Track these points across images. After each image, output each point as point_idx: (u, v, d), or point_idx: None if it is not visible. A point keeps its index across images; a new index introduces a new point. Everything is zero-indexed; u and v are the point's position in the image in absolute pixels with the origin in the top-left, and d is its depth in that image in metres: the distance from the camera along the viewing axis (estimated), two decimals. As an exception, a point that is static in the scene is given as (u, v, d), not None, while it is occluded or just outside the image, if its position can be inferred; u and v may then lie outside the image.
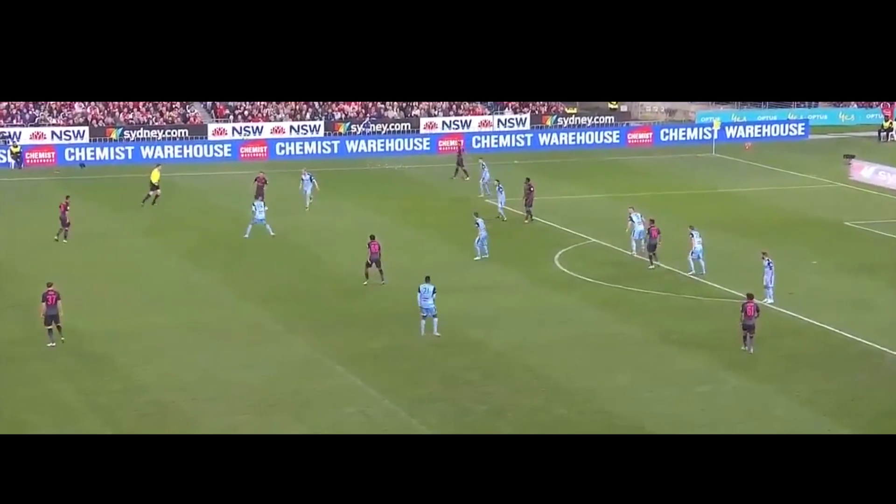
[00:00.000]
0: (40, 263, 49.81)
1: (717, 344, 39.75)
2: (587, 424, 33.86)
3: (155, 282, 47.98)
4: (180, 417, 34.15)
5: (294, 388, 36.61)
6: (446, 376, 37.59)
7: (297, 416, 34.53)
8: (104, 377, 37.37)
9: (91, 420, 33.97)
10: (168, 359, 39.07)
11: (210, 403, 35.29)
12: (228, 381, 37.04)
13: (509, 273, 49.28)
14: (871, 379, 37.57)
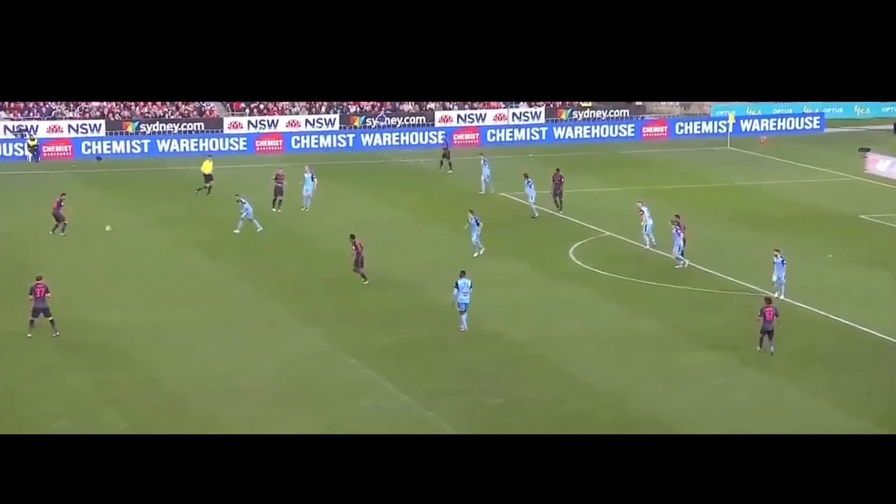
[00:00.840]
0: (55, 256, 49.92)
1: (731, 338, 39.54)
2: (602, 418, 33.75)
3: (170, 275, 47.98)
4: (196, 410, 34.11)
5: (309, 381, 36.56)
6: (462, 369, 37.50)
7: (312, 408, 34.47)
8: (120, 370, 37.35)
9: (107, 413, 33.95)
10: (184, 352, 39.05)
11: (225, 396, 35.25)
12: (243, 374, 36.99)
13: (524, 266, 49.17)
14: (886, 373, 37.38)
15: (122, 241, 53.29)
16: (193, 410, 34.09)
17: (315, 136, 77.82)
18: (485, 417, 33.96)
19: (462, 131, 79.13)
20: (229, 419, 33.16)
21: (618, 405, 34.73)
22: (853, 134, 78.96)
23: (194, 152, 74.74)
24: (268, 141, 77.05)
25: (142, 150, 75.29)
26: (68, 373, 37.06)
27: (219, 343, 39.95)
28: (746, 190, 64.56)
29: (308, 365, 37.97)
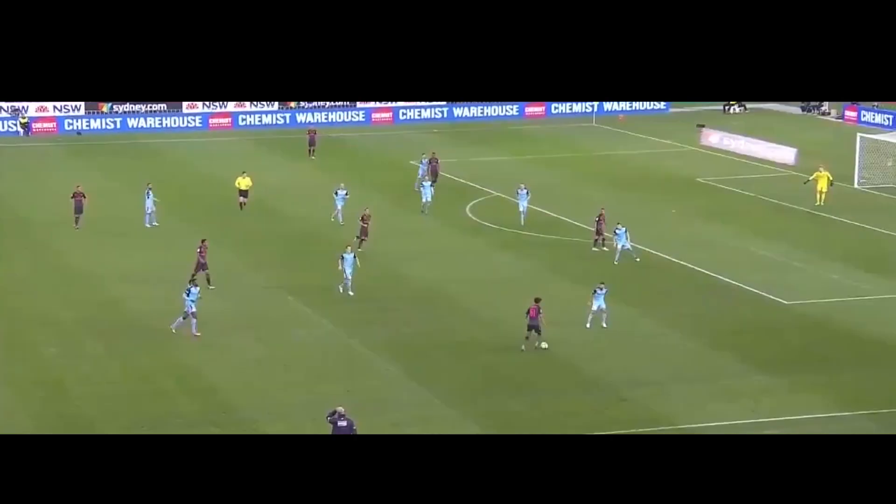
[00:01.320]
0: (45, 212, 49.49)
1: (596, 275, 40.15)
2: (492, 343, 34.50)
3: (143, 232, 47.77)
4: (161, 335, 34.21)
5: (254, 312, 36.81)
6: (380, 306, 37.93)
7: (258, 337, 34.78)
8: (105, 309, 37.27)
9: (91, 342, 33.98)
10: (149, 287, 38.95)
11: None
12: (202, 309, 37.04)
13: (430, 221, 49.56)
14: (719, 304, 38.42)
15: (100, 202, 52.78)
16: (158, 335, 34.22)
17: (258, 114, 77.37)
18: (401, 345, 34.48)
19: (379, 111, 79.05)
20: (189, 344, 33.32)
21: (503, 332, 35.42)
22: (692, 113, 79.98)
23: (158, 128, 74.16)
24: (219, 119, 76.46)
25: (115, 127, 74.46)
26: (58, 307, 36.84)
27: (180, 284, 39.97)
28: (608, 158, 65.34)
29: (254, 302, 38.15)
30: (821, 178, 52.24)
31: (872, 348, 34.25)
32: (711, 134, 69.40)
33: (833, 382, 31.63)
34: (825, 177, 52.28)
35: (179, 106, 77.73)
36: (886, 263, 42.96)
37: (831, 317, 36.95)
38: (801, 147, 63.61)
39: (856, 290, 39.80)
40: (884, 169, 56.85)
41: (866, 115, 75.31)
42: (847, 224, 49.40)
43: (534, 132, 74.37)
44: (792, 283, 40.68)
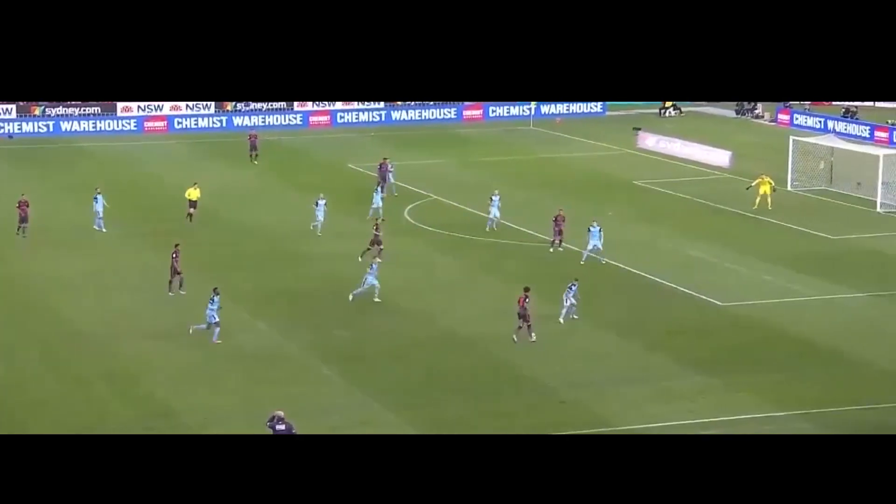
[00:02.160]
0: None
1: (535, 277, 40.33)
2: (434, 344, 34.57)
3: (71, 238, 47.26)
4: (97, 345, 33.85)
5: (189, 317, 36.58)
6: (315, 308, 37.84)
7: (194, 342, 34.53)
8: (37, 317, 36.79)
9: (28, 351, 33.53)
10: (78, 292, 38.54)
11: (125, 333, 34.98)
12: (134, 315, 36.71)
13: (368, 223, 49.48)
14: (655, 305, 38.78)
15: (36, 207, 52.04)
16: (94, 344, 33.86)
17: (194, 118, 76.77)
18: (338, 348, 34.40)
19: (316, 114, 78.80)
20: (125, 351, 33.01)
21: (444, 334, 35.51)
22: (628, 116, 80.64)
23: (92, 132, 73.31)
24: (154, 122, 75.76)
25: (48, 130, 73.45)
26: None
27: (110, 288, 39.57)
28: (546, 161, 65.68)
29: (190, 307, 37.90)
30: (763, 184, 52.99)
31: (804, 348, 34.76)
32: (647, 137, 70.04)
33: (768, 382, 32.05)
34: (768, 183, 53.07)
35: (114, 109, 76.94)
36: (818, 264, 43.62)
37: (765, 317, 37.45)
38: (736, 150, 64.40)
39: (788, 291, 40.38)
40: (816, 171, 57.73)
41: (799, 119, 76.37)
42: (780, 226, 50.09)
43: (472, 135, 74.56)
44: (726, 284, 41.17)
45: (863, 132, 71.25)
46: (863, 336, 35.79)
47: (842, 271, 42.63)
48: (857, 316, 37.83)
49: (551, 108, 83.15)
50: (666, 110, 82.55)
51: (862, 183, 55.31)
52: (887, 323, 37.14)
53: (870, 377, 32.54)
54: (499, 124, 79.14)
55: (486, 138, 73.55)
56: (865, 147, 60.54)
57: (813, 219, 50.91)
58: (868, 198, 53.81)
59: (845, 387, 31.79)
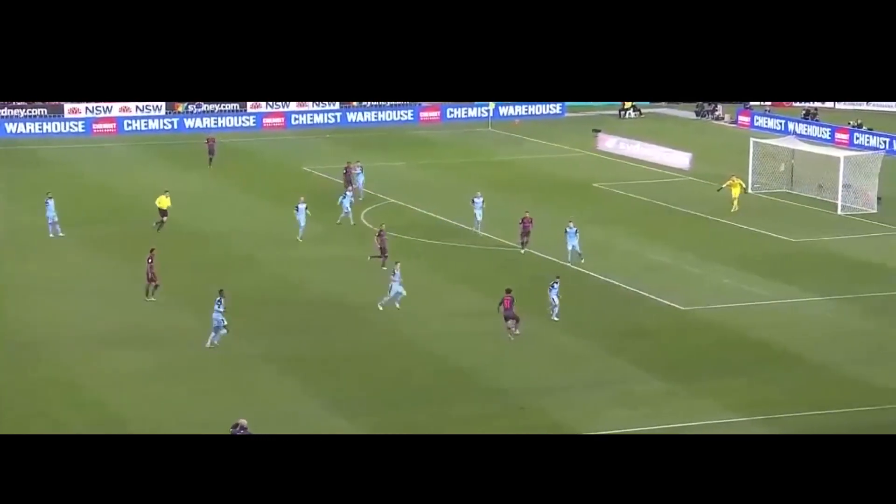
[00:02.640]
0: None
1: (495, 281, 40.61)
2: (393, 350, 34.74)
3: (20, 241, 47.00)
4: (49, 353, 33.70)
5: (143, 323, 36.50)
6: (270, 315, 37.85)
7: (148, 349, 34.49)
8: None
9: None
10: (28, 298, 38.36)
11: (77, 340, 34.85)
12: (87, 323, 36.57)
13: (322, 227, 49.55)
14: (615, 309, 39.13)
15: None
16: (44, 351, 33.71)
17: (144, 119, 76.43)
18: (297, 355, 34.45)
19: (270, 116, 78.70)
20: (74, 358, 32.89)
21: (402, 341, 35.66)
22: (587, 117, 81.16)
23: (39, 134, 72.81)
24: (103, 124, 75.34)
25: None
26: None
27: (59, 293, 39.41)
28: (504, 163, 65.99)
29: (144, 313, 37.80)
30: (734, 186, 53.63)
31: (766, 353, 35.21)
32: (607, 139, 70.54)
33: (730, 387, 32.45)
34: (738, 185, 53.73)
35: (61, 110, 76.44)
36: (779, 267, 44.18)
37: (726, 321, 37.90)
38: (696, 152, 65.02)
39: (749, 294, 40.88)
40: (777, 173, 58.42)
41: (759, 120, 77.18)
42: (741, 228, 50.66)
43: (429, 137, 74.77)
44: (687, 287, 41.62)
45: (823, 134, 72.16)
46: (824, 340, 36.32)
47: (803, 274, 43.21)
48: (818, 319, 38.38)
49: (509, 109, 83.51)
50: (625, 111, 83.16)
51: (823, 185, 56.06)
52: (849, 326, 37.70)
53: (832, 381, 33.03)
54: (456, 126, 79.39)
55: (443, 140, 73.78)
56: (826, 149, 61.34)
57: (774, 221, 51.53)
58: (829, 200, 54.54)
59: (807, 391, 32.26)
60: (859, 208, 53.64)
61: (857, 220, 52.27)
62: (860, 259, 45.71)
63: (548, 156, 68.38)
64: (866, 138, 69.76)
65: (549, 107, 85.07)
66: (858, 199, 54.09)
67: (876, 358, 34.77)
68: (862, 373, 33.43)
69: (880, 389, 32.19)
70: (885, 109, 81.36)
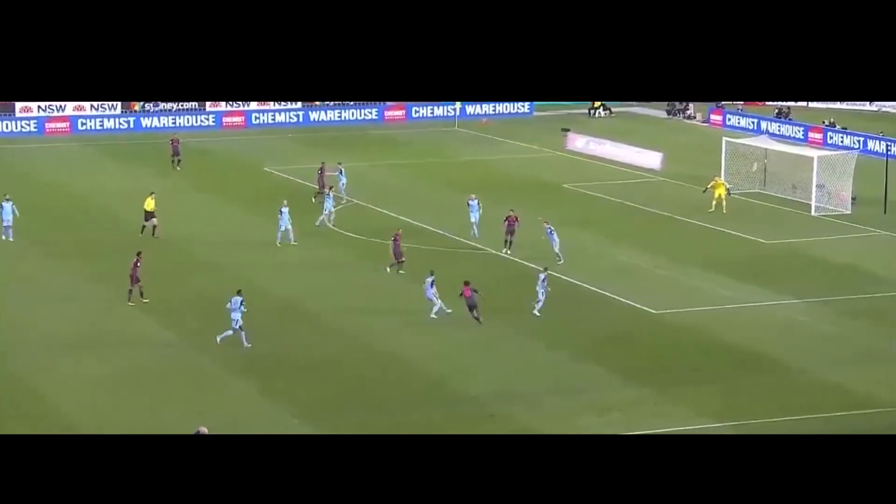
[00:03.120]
0: None
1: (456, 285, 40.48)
2: (354, 357, 34.53)
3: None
4: None
5: (96, 329, 36.16)
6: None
7: (101, 356, 34.17)
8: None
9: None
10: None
11: (27, 343, 34.48)
12: (42, 324, 36.22)
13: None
14: (585, 313, 39.10)
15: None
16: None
17: (99, 118, 75.86)
18: (255, 362, 34.21)
19: (230, 115, 78.30)
20: (25, 364, 32.52)
21: (365, 347, 35.50)
22: (556, 116, 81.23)
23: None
24: (56, 123, 74.72)
25: (-59, 131, 72.18)
26: None
27: (19, 300, 39.01)
28: (472, 164, 65.92)
29: (96, 318, 37.47)
30: (718, 187, 53.84)
31: (739, 357, 35.28)
32: (577, 138, 70.62)
33: (702, 393, 32.48)
34: (722, 185, 53.97)
35: (12, 109, 75.75)
36: (752, 270, 44.30)
37: (698, 325, 37.96)
38: (667, 151, 65.19)
39: (722, 297, 40.97)
40: (749, 174, 58.65)
41: (731, 119, 77.52)
42: (714, 230, 50.80)
43: (394, 137, 74.64)
44: (658, 291, 41.66)
45: (797, 133, 72.55)
46: (798, 344, 36.43)
47: (777, 277, 43.36)
48: (792, 323, 38.50)
49: (477, 108, 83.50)
50: (595, 110, 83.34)
51: (797, 186, 56.32)
52: (823, 330, 37.85)
53: (807, 386, 33.13)
54: (422, 125, 79.29)
55: (409, 139, 73.66)
56: (799, 148, 61.65)
57: (747, 222, 51.71)
58: (803, 201, 54.80)
59: (782, 396, 32.33)
60: (833, 209, 53.92)
61: (832, 221, 52.54)
62: (835, 261, 45.93)
63: (516, 156, 68.38)
64: (840, 138, 70.19)
65: (518, 106, 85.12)
66: (832, 200, 54.37)
67: (851, 362, 34.91)
68: (838, 377, 33.55)
69: (856, 394, 32.30)
70: (859, 108, 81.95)
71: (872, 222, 52.01)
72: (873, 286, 42.43)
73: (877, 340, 36.76)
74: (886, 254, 47.36)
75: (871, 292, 41.75)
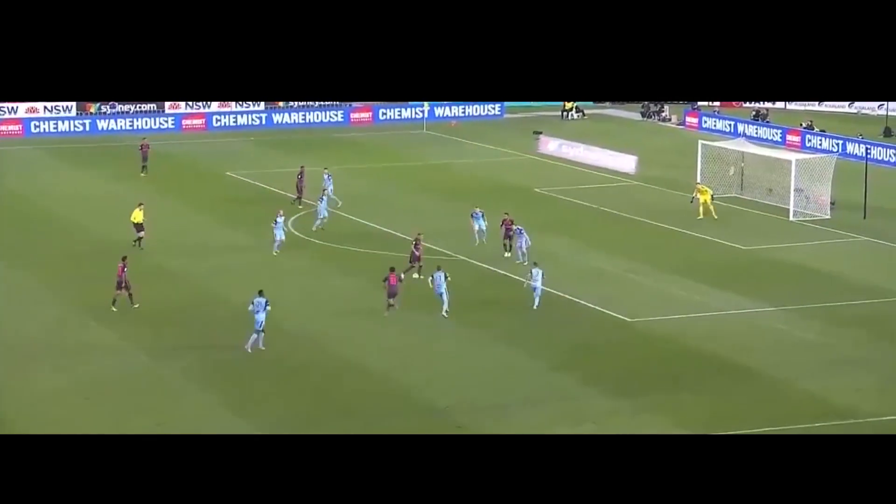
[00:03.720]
0: None
1: (421, 290, 40.44)
2: (322, 366, 34.46)
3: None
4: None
5: (52, 339, 35.87)
6: (195, 329, 37.45)
7: (57, 366, 33.89)
8: None
9: None
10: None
11: None
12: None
13: (250, 236, 49.15)
14: (559, 321, 39.12)
15: None
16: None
17: (53, 121, 75.40)
18: (217, 372, 34.06)
19: (190, 117, 77.98)
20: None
21: (332, 356, 35.42)
22: (528, 119, 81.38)
23: (-61, 136, 71.76)
24: (8, 126, 74.20)
25: None
26: None
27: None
28: (440, 167, 65.95)
29: (52, 328, 37.20)
30: (703, 193, 54.05)
31: (717, 366, 35.37)
32: (549, 141, 70.76)
33: (679, 403, 32.54)
34: (706, 191, 54.19)
35: (-37, 111, 75.25)
36: (729, 277, 44.46)
37: (675, 334, 38.05)
38: (642, 155, 65.40)
39: (699, 305, 41.09)
40: (726, 178, 58.90)
41: (708, 122, 77.84)
42: (689, 236, 50.98)
43: (360, 140, 74.58)
44: (634, 298, 41.75)
45: (774, 136, 72.96)
46: (777, 353, 36.57)
47: (755, 284, 43.53)
48: (771, 331, 38.65)
49: (446, 109, 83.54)
50: (568, 112, 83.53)
51: (774, 190, 56.61)
52: (802, 339, 38.01)
53: (785, 397, 33.24)
54: (389, 127, 79.27)
55: (376, 143, 73.62)
56: (777, 152, 61.99)
57: (724, 228, 51.92)
58: (781, 205, 55.09)
59: (760, 407, 32.42)
60: (812, 214, 54.23)
61: (810, 227, 52.83)
62: (814, 267, 46.18)
63: (486, 159, 68.45)
64: (819, 140, 70.64)
65: (488, 107, 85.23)
66: (811, 205, 54.68)
67: (830, 372, 35.07)
68: (817, 387, 33.68)
69: (835, 405, 32.44)
70: (838, 110, 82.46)
71: (852, 227, 52.35)
72: (853, 293, 42.68)
73: (857, 349, 36.95)
74: (867, 260, 47.66)
75: (851, 299, 41.98)
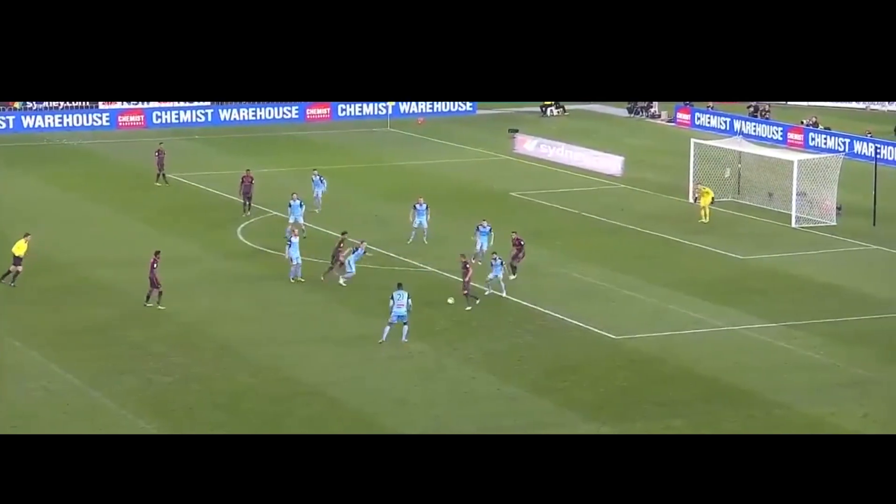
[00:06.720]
0: None
1: (383, 306, 40.51)
2: (271, 391, 34.40)
3: None
4: None
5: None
6: (132, 348, 37.36)
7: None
8: None
9: None
10: None
11: None
12: None
13: (195, 245, 49.06)
14: (538, 339, 39.25)
15: None
16: None
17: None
18: (157, 397, 33.99)
19: (127, 113, 77.76)
20: None
21: (284, 379, 35.37)
22: (503, 115, 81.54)
23: None
24: (-72, 122, 73.88)
25: None
26: None
27: None
28: (405, 168, 66.00)
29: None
30: (705, 195, 54.38)
31: (711, 388, 35.54)
32: (526, 140, 70.94)
33: (669, 428, 32.66)
34: (708, 193, 54.53)
35: None
36: (725, 290, 44.67)
37: (665, 353, 38.22)
38: (628, 155, 65.65)
39: (692, 321, 41.28)
40: (721, 180, 59.17)
41: (701, 118, 78.24)
42: (683, 245, 51.20)
43: (317, 138, 74.58)
44: (620, 314, 41.91)
45: (774, 134, 73.39)
46: (778, 373, 36.77)
47: (753, 297, 43.76)
48: (770, 349, 38.87)
49: (412, 106, 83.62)
50: (547, 108, 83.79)
51: (774, 194, 56.94)
52: (805, 357, 38.24)
53: (786, 421, 33.43)
54: (349, 125, 79.30)
55: (334, 141, 73.63)
56: (777, 151, 62.34)
57: (719, 236, 52.18)
58: (782, 211, 55.41)
59: (759, 432, 32.57)
60: (816, 220, 54.59)
61: (814, 234, 53.18)
62: (818, 279, 46.47)
63: (457, 160, 68.56)
64: (823, 139, 71.12)
65: (458, 103, 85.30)
66: (815, 210, 55.04)
67: (836, 394, 35.29)
68: (822, 411, 33.89)
69: (842, 431, 32.64)
70: (844, 106, 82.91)
71: (860, 235, 52.72)
72: (861, 308, 42.98)
73: (865, 369, 37.19)
74: (876, 271, 48.00)
75: (858, 314, 42.28)
